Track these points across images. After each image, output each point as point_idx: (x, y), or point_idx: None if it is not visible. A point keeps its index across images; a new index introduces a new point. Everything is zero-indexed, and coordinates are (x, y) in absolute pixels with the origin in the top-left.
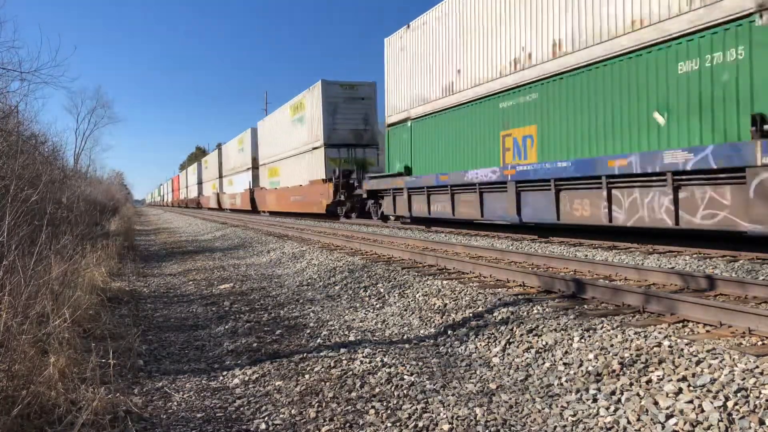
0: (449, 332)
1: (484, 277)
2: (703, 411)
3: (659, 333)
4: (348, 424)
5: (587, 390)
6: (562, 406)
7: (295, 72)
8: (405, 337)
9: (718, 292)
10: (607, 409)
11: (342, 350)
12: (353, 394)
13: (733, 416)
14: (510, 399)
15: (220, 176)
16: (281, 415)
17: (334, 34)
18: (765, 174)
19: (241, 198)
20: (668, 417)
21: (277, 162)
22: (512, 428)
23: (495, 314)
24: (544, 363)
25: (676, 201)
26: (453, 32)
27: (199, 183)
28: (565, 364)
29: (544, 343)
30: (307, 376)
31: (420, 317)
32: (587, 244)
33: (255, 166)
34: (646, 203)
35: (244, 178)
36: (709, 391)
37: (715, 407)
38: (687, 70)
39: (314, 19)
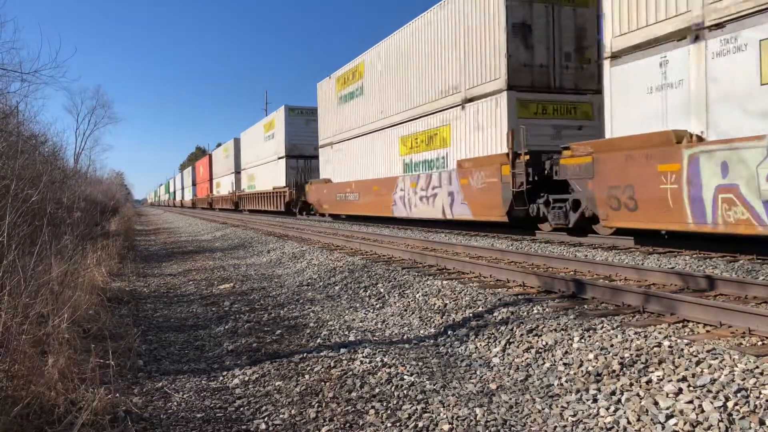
0: (449, 332)
1: (484, 277)
2: (703, 411)
3: (659, 333)
4: (348, 425)
5: (587, 390)
6: (562, 407)
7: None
8: (405, 337)
9: (718, 292)
10: (607, 409)
11: (342, 350)
12: (353, 394)
13: (733, 416)
14: (510, 399)
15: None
16: (281, 416)
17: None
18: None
19: None
20: (668, 417)
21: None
22: (512, 428)
23: (495, 314)
24: (544, 363)
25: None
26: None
27: (289, 155)
28: (565, 364)
29: (544, 343)
30: (307, 376)
31: (420, 317)
32: (587, 243)
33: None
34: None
35: None
36: (709, 391)
37: (715, 407)
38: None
39: (315, 17)
